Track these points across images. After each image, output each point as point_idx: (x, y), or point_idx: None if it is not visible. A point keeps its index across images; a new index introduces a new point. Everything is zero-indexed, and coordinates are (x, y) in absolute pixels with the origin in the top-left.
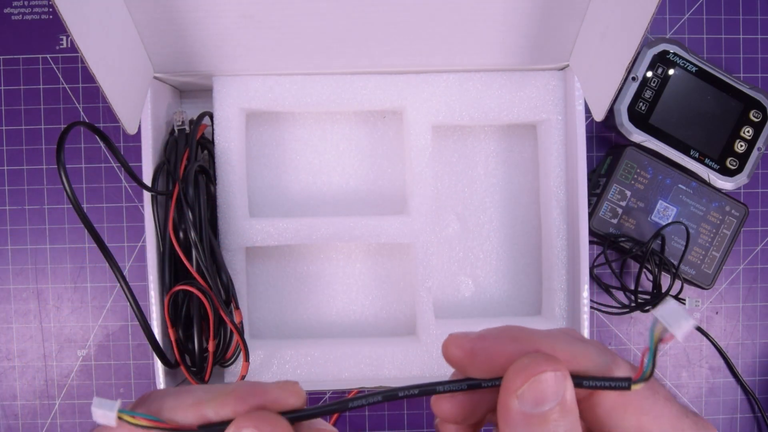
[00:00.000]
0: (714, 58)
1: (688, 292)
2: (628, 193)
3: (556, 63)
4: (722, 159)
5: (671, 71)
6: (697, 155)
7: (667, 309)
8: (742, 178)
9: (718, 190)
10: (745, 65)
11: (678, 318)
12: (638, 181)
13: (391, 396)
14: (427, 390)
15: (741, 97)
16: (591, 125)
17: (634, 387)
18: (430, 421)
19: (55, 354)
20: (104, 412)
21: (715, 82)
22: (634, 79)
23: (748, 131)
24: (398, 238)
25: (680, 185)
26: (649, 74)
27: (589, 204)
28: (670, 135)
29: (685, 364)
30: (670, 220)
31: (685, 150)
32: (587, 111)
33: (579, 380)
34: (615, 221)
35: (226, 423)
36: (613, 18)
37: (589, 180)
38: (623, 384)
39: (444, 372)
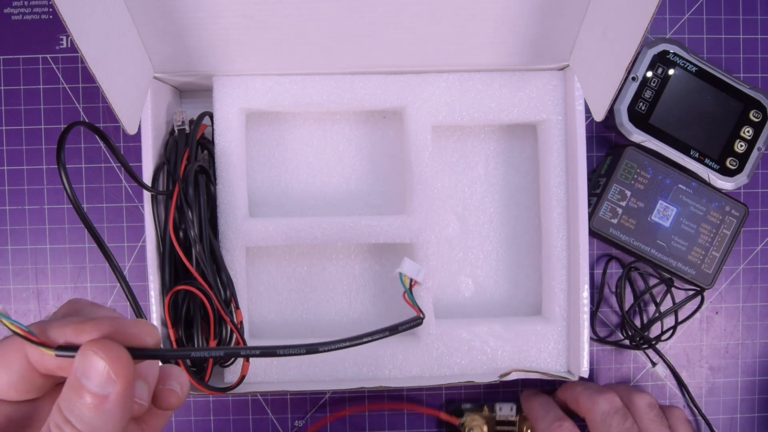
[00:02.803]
0: (714, 58)
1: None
2: (628, 193)
3: (556, 63)
4: (722, 159)
5: (671, 71)
6: (697, 155)
7: (406, 266)
8: (742, 178)
9: (718, 190)
10: (745, 65)
11: (415, 269)
12: (638, 181)
13: (312, 350)
14: (355, 342)
15: (741, 97)
16: (591, 125)
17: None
18: (430, 421)
19: None
20: None
21: (715, 82)
22: (634, 79)
23: (748, 131)
24: (398, 238)
25: (680, 185)
26: (649, 74)
27: (589, 204)
28: (670, 135)
29: (685, 364)
30: (670, 220)
31: (685, 150)
32: (587, 111)
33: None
34: (615, 221)
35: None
36: (613, 18)
37: (589, 180)
38: (418, 322)
39: (445, 372)
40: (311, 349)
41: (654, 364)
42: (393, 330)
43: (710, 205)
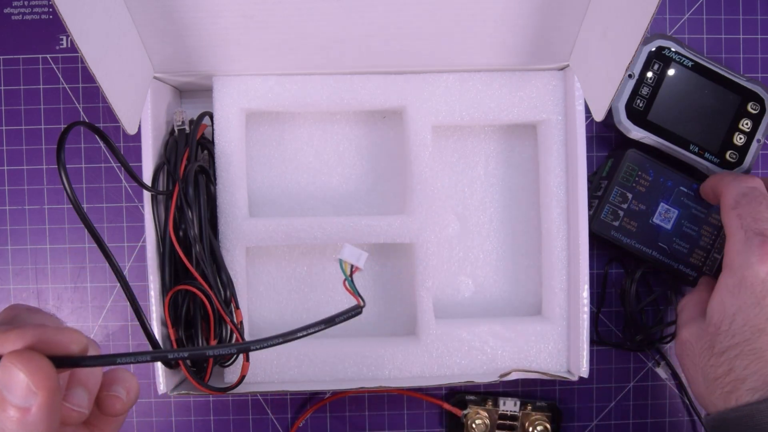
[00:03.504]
0: (714, 58)
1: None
2: (630, 196)
3: (556, 63)
4: (722, 152)
5: (667, 67)
6: (696, 150)
7: (346, 251)
8: (742, 171)
9: None
10: (745, 65)
11: (355, 255)
12: (640, 183)
13: (244, 349)
14: (288, 338)
15: (738, 89)
16: (591, 125)
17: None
18: (430, 421)
19: None
20: None
21: (712, 76)
22: (630, 76)
23: (747, 123)
24: (398, 238)
25: (681, 187)
26: (646, 71)
27: (590, 206)
28: (668, 131)
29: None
30: (672, 222)
31: (684, 145)
32: (587, 111)
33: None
34: (616, 223)
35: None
36: (613, 18)
37: (590, 182)
38: (357, 311)
39: (445, 372)
40: (242, 348)
41: (657, 363)
42: (329, 322)
43: (711, 207)
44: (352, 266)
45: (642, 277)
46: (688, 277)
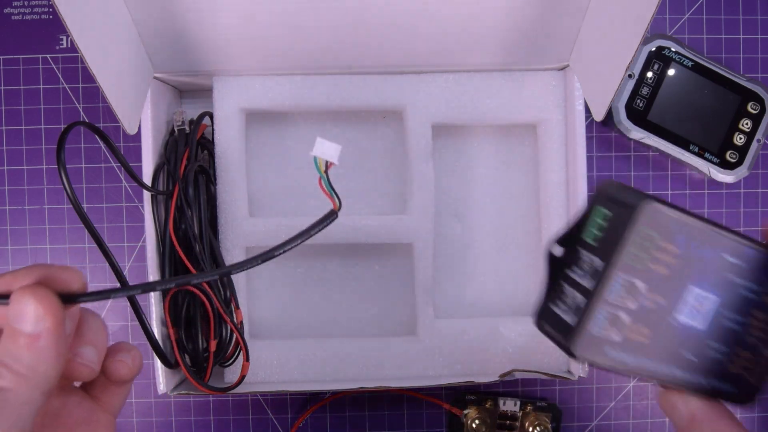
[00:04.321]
0: (714, 58)
1: None
2: (642, 285)
3: (556, 63)
4: (722, 152)
5: (667, 67)
6: (696, 150)
7: (318, 146)
8: (742, 171)
9: None
10: (745, 65)
11: (331, 149)
12: (660, 260)
13: (225, 272)
14: (267, 256)
15: (738, 89)
16: (591, 125)
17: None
18: (430, 421)
19: None
20: None
21: (712, 75)
22: (630, 76)
23: (747, 123)
24: (398, 238)
25: (725, 256)
26: (646, 71)
27: (563, 298)
28: (668, 131)
29: None
30: (708, 318)
31: (684, 145)
32: (587, 111)
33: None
34: (618, 338)
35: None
36: (613, 18)
37: (562, 253)
38: (332, 217)
39: (445, 372)
40: (223, 272)
41: None
42: (305, 233)
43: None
44: (326, 162)
45: None
46: (721, 395)
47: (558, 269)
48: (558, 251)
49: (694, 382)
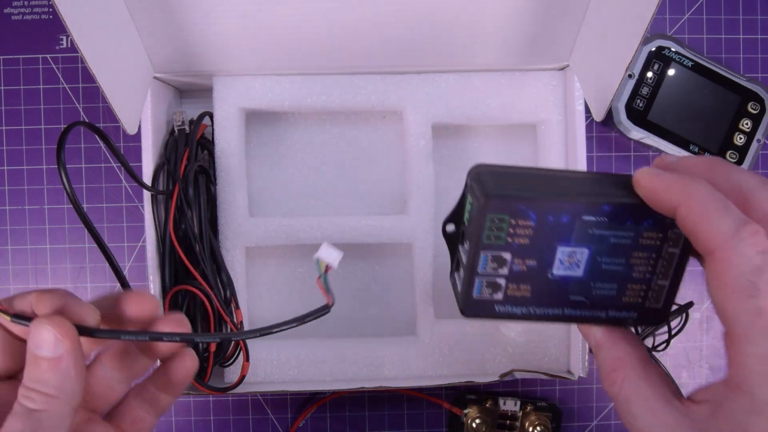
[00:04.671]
0: (714, 58)
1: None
2: (508, 256)
3: (556, 63)
4: (722, 152)
5: (667, 67)
6: (696, 150)
7: (323, 251)
8: None
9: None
10: (745, 65)
11: (334, 255)
12: (518, 235)
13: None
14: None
15: (738, 89)
16: (591, 125)
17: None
18: (430, 421)
19: None
20: None
21: (712, 75)
22: (630, 76)
23: (747, 123)
24: (398, 238)
25: (585, 217)
26: (646, 71)
27: (458, 273)
28: (669, 131)
29: (685, 364)
30: (582, 266)
31: (684, 145)
32: (587, 111)
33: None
34: (500, 296)
35: (30, 318)
36: (613, 18)
37: (452, 229)
38: (325, 311)
39: (445, 372)
40: (225, 337)
41: None
42: (300, 320)
43: (640, 225)
44: (327, 265)
45: None
46: (626, 321)
47: (453, 244)
48: (450, 228)
49: (593, 316)
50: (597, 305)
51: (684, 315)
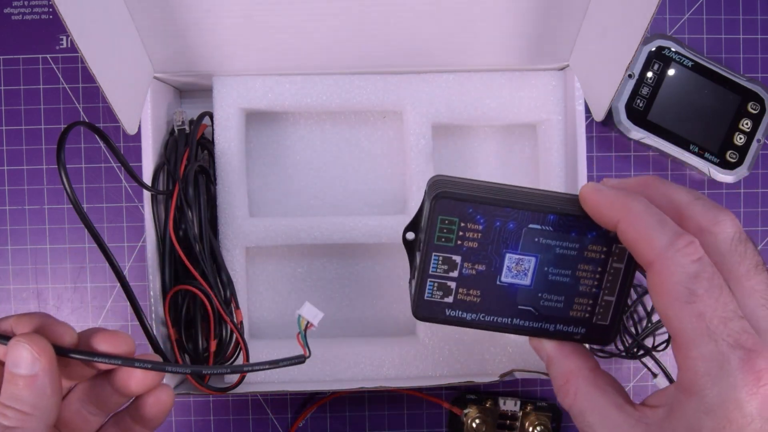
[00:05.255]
0: (714, 58)
1: None
2: (458, 259)
3: (556, 63)
4: (722, 152)
5: (667, 67)
6: (696, 150)
7: (305, 309)
8: (742, 171)
9: (557, 195)
10: (745, 65)
11: (313, 313)
12: (467, 238)
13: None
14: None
15: (738, 89)
16: (591, 125)
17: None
18: (430, 421)
19: None
20: None
21: (713, 75)
22: (630, 76)
23: (747, 123)
24: (398, 238)
25: (531, 225)
26: (646, 71)
27: (411, 278)
28: (668, 131)
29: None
30: (530, 275)
31: (684, 145)
32: (587, 111)
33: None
34: (450, 299)
35: (8, 338)
36: (613, 18)
37: (412, 236)
38: (300, 360)
39: (445, 372)
40: (238, 369)
41: (654, 375)
42: (274, 363)
43: (584, 237)
44: (308, 322)
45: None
46: (573, 337)
47: (411, 251)
48: (410, 236)
49: (541, 328)
50: (545, 317)
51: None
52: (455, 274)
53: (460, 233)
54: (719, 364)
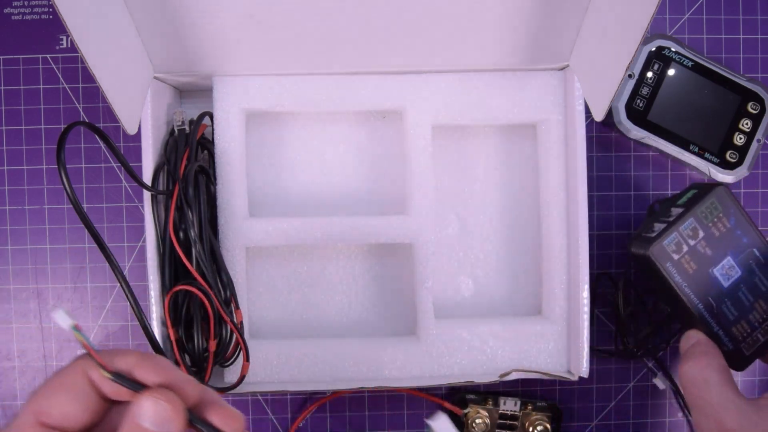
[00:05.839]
0: (714, 58)
1: None
2: (701, 234)
3: (556, 63)
4: (722, 152)
5: (667, 67)
6: (696, 150)
7: (438, 424)
8: (742, 171)
9: None
10: (745, 65)
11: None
12: (716, 226)
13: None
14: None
15: (738, 89)
16: (591, 125)
17: None
18: None
19: (56, 354)
20: (64, 318)
21: (712, 75)
22: (630, 76)
23: (747, 123)
24: (398, 238)
25: (755, 250)
26: (646, 71)
27: (651, 229)
28: (668, 131)
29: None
30: (730, 281)
31: (684, 145)
32: (587, 111)
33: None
34: (676, 257)
35: (133, 382)
36: (613, 18)
37: (659, 205)
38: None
39: (445, 372)
40: None
41: (654, 374)
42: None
43: None
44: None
45: (628, 284)
46: (722, 346)
47: (653, 216)
48: (656, 208)
49: (707, 320)
50: (716, 317)
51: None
52: (692, 242)
53: (715, 220)
54: None
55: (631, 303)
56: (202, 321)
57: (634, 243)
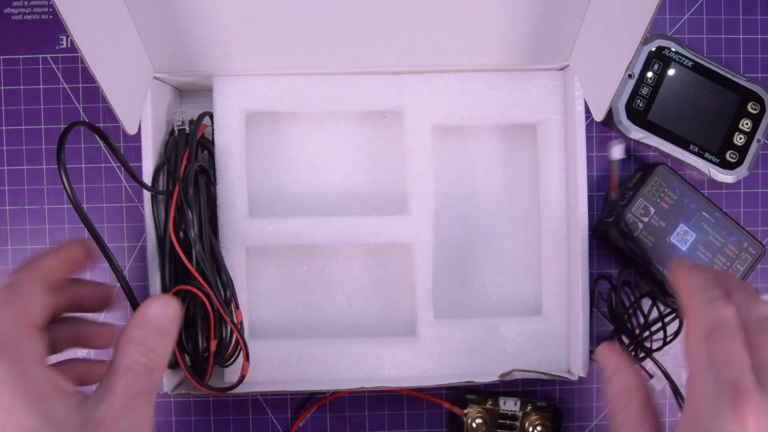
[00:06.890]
0: (714, 58)
1: None
2: (652, 210)
3: (556, 63)
4: (722, 152)
5: (667, 67)
6: (696, 150)
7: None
8: (742, 171)
9: (739, 226)
10: (745, 65)
11: None
12: (664, 200)
13: None
14: None
15: (738, 89)
16: (591, 125)
17: None
18: (430, 421)
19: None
20: (619, 151)
21: (712, 76)
22: (630, 76)
23: (747, 123)
24: (398, 238)
25: (704, 212)
26: (646, 71)
27: (611, 215)
28: (668, 131)
29: (684, 364)
30: (688, 245)
31: (684, 145)
32: (587, 111)
33: None
34: (634, 234)
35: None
36: (613, 18)
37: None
38: None
39: (443, 371)
40: None
41: (651, 376)
42: None
43: (729, 238)
44: None
45: (630, 290)
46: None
47: (611, 202)
48: (612, 196)
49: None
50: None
51: (681, 320)
52: (646, 219)
53: (662, 194)
54: (715, 396)
55: (631, 303)
56: (202, 321)
57: (596, 228)
